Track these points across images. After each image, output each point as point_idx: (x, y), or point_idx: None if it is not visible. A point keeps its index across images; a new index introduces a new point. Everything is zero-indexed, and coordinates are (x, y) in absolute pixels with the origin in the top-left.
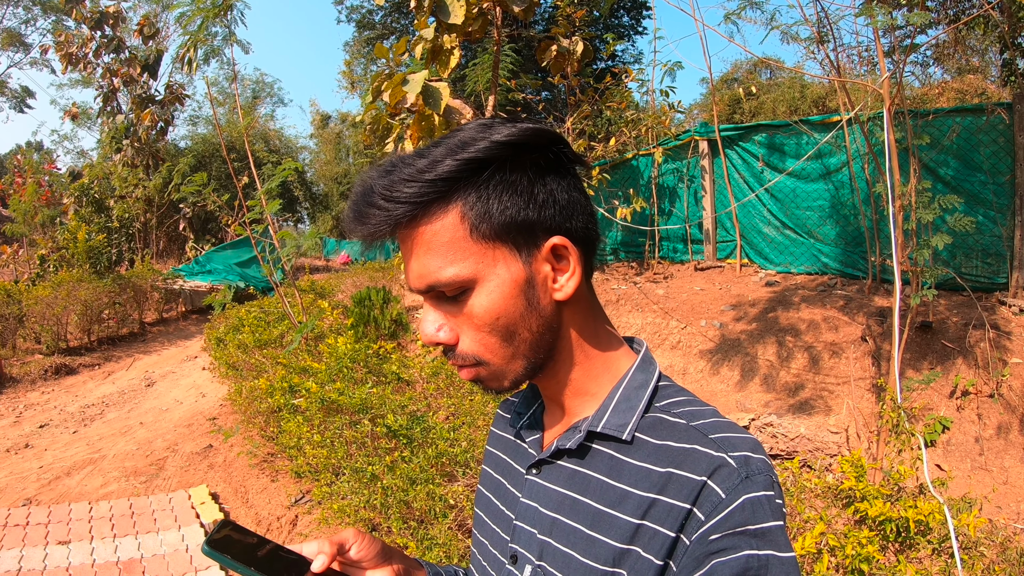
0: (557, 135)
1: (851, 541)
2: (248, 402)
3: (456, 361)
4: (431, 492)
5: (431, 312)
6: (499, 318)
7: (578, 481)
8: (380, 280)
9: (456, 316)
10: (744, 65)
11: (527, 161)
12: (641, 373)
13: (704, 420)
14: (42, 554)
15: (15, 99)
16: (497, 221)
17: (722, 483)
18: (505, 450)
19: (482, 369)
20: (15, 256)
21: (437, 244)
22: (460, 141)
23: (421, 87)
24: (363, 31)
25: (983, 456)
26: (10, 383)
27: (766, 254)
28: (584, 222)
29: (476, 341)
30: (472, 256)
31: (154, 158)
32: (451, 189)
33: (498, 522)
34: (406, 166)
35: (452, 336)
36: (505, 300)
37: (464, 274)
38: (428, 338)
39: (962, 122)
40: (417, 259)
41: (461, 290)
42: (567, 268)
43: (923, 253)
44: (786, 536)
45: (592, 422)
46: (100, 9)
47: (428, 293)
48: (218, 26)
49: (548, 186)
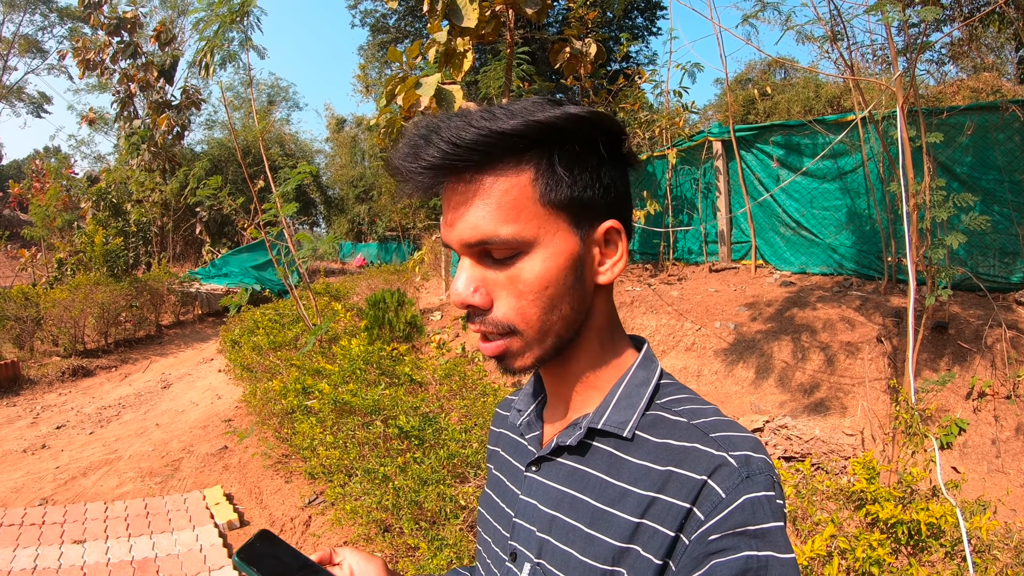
0: (621, 125)
1: (862, 544)
2: (263, 403)
3: (484, 328)
4: (442, 493)
5: (468, 271)
6: (548, 287)
7: (577, 479)
8: (395, 283)
9: (495, 280)
10: (758, 65)
11: (598, 142)
12: (643, 371)
13: (705, 419)
14: (57, 553)
15: (32, 104)
16: (566, 192)
17: (722, 482)
18: (505, 448)
19: (514, 341)
20: (33, 259)
21: (503, 200)
22: (529, 107)
23: (435, 90)
24: (377, 35)
25: (1000, 458)
26: (28, 385)
27: (781, 255)
28: (628, 216)
29: (514, 309)
30: (535, 220)
31: (170, 162)
32: (528, 149)
33: (499, 519)
34: (481, 116)
35: (487, 300)
36: (558, 271)
37: (525, 235)
38: (460, 298)
39: (977, 120)
40: (474, 210)
41: (513, 252)
42: (614, 253)
43: (938, 252)
44: (786, 537)
45: (593, 419)
46: (117, 15)
47: (475, 248)
48: (234, 31)
49: (612, 171)
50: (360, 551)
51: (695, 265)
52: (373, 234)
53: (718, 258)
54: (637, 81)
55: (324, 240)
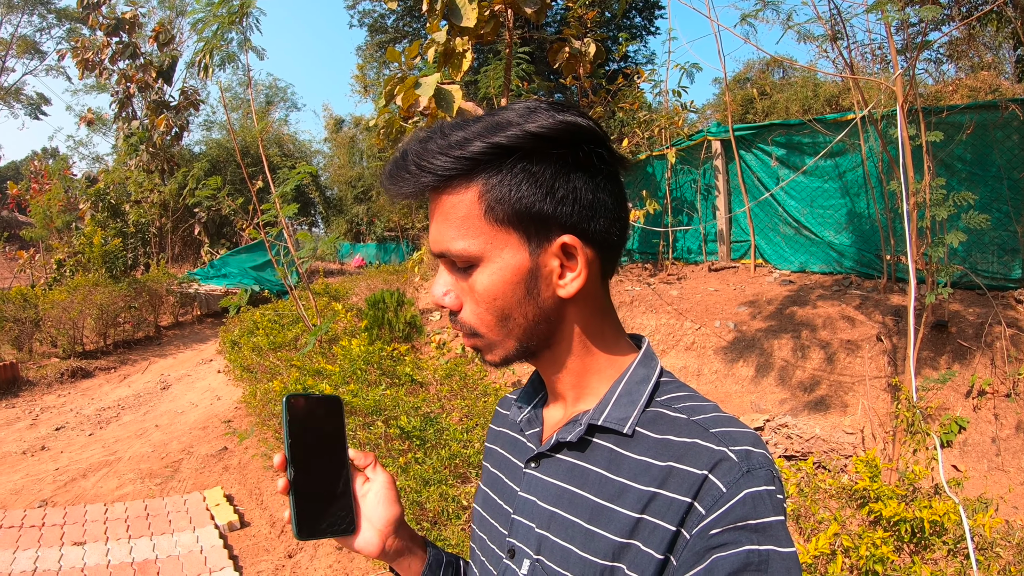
0: (597, 134)
1: (865, 542)
2: (263, 404)
3: (456, 327)
4: (444, 493)
5: (443, 276)
6: (496, 299)
7: (577, 475)
8: (394, 283)
9: (461, 287)
10: (756, 65)
11: (554, 155)
12: (643, 368)
13: (705, 415)
14: (57, 555)
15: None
16: (511, 207)
17: (723, 477)
18: (504, 445)
19: (477, 340)
20: (32, 260)
21: (454, 216)
22: (496, 123)
23: (434, 90)
24: (375, 35)
25: (1000, 456)
26: (27, 386)
27: (781, 253)
28: (607, 225)
29: (474, 314)
30: (482, 235)
31: (169, 163)
32: (474, 168)
33: (496, 517)
34: (441, 137)
35: (456, 302)
36: (504, 284)
37: (472, 250)
38: (435, 299)
39: (976, 119)
40: (436, 225)
41: (468, 264)
42: (574, 267)
43: (938, 251)
44: (787, 531)
45: (593, 415)
46: (116, 16)
47: (442, 258)
48: (233, 32)
49: (572, 183)
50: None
51: (694, 264)
52: (371, 234)
53: (717, 257)
54: (636, 81)
55: (324, 240)
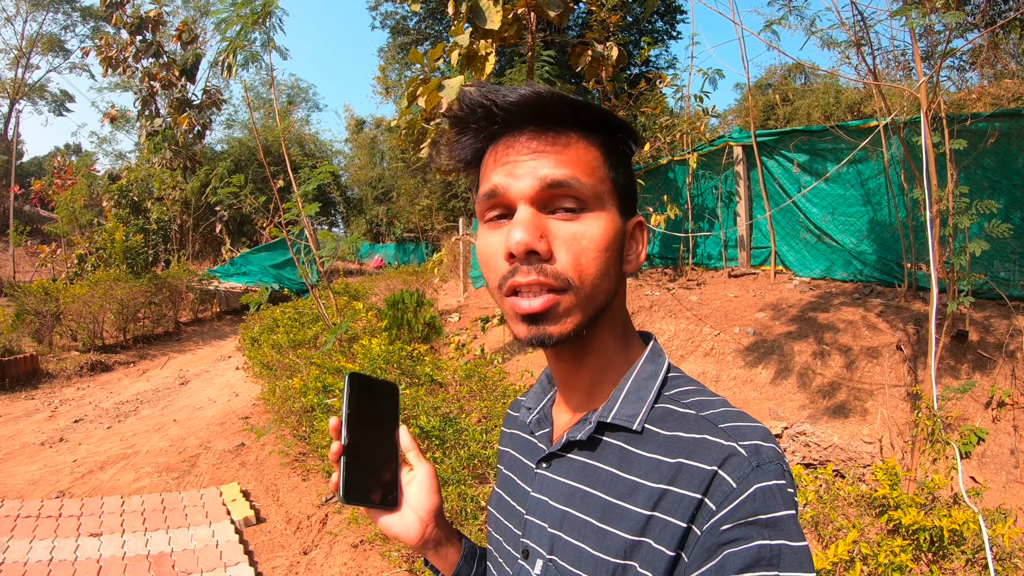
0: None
1: (884, 550)
2: (281, 401)
3: (541, 277)
4: (462, 493)
5: (533, 219)
6: (607, 249)
7: (588, 474)
8: (414, 284)
9: (556, 233)
10: (778, 70)
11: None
12: (650, 364)
13: (714, 410)
14: (73, 545)
15: (54, 103)
16: (620, 176)
17: (733, 472)
18: (516, 447)
19: (564, 298)
20: (53, 255)
21: (585, 157)
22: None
23: (457, 92)
24: (397, 37)
25: (1018, 468)
26: (46, 379)
27: (802, 260)
28: None
29: (572, 264)
30: (604, 185)
31: (191, 161)
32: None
33: (510, 518)
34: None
35: (548, 248)
36: (613, 238)
37: (599, 191)
38: (526, 243)
39: (1000, 127)
40: (556, 157)
41: (582, 206)
42: (636, 246)
43: (960, 259)
44: (798, 525)
45: (602, 413)
46: (140, 14)
47: (549, 191)
48: (257, 32)
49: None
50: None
51: (714, 270)
52: (391, 235)
53: (737, 263)
54: (658, 85)
55: (346, 240)
